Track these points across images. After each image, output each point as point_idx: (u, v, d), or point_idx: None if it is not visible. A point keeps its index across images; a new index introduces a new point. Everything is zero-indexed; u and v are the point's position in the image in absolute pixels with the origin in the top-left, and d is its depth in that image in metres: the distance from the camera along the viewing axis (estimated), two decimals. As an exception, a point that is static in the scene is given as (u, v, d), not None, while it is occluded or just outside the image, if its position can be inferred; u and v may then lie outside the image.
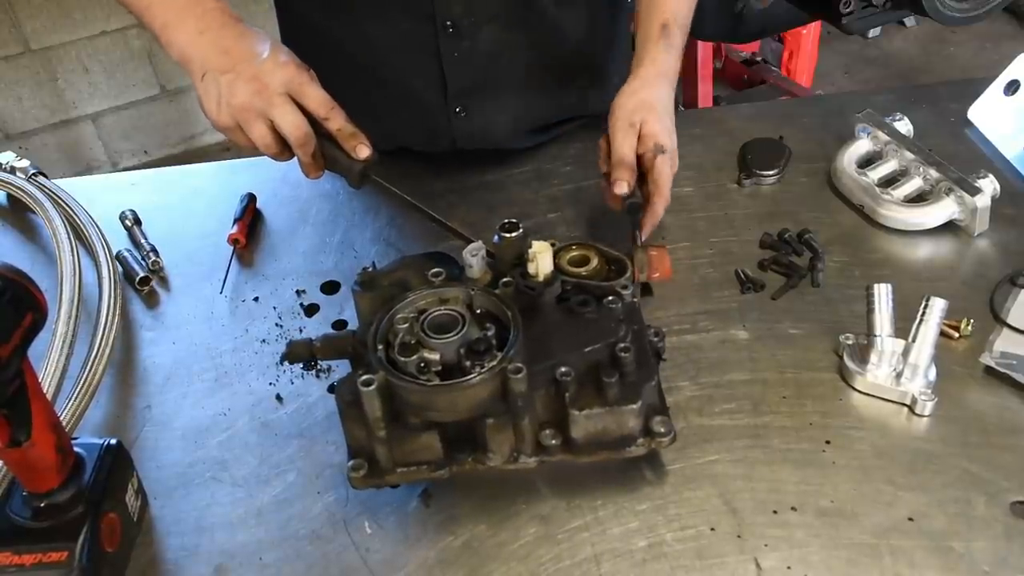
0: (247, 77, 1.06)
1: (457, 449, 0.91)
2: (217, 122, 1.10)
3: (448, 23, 1.31)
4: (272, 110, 1.07)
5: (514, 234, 1.02)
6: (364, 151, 1.11)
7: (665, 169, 1.16)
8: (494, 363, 0.87)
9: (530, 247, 0.99)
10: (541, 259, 0.98)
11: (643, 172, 1.16)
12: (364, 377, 0.85)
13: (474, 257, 0.98)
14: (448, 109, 1.39)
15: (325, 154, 1.13)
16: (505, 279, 0.96)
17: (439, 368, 0.89)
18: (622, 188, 1.13)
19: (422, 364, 0.89)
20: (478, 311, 0.95)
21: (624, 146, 1.15)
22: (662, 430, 0.92)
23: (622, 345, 0.92)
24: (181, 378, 1.16)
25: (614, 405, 0.90)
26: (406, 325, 0.92)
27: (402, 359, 0.89)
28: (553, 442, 0.91)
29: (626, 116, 1.17)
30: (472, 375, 0.87)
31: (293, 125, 1.08)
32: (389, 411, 0.87)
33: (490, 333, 0.90)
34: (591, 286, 1.00)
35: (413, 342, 0.90)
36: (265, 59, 1.08)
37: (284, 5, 1.46)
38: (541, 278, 0.99)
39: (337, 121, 1.10)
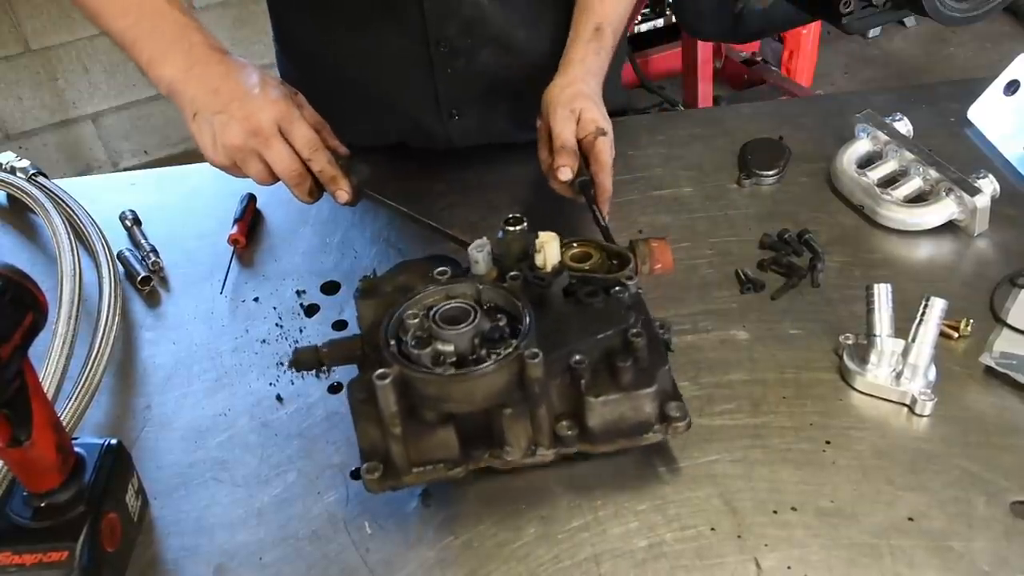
0: (239, 117, 1.06)
1: (473, 446, 0.91)
2: (213, 161, 1.10)
3: (443, 42, 1.33)
4: (266, 152, 1.08)
5: (518, 228, 1.01)
6: (343, 196, 1.12)
7: (606, 147, 1.17)
8: (510, 350, 0.87)
9: (536, 238, 0.99)
10: (548, 249, 0.98)
11: (585, 155, 1.18)
12: (379, 371, 0.84)
13: (480, 253, 0.98)
14: (440, 113, 1.41)
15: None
16: (512, 273, 0.96)
17: (454, 359, 0.88)
18: (565, 174, 1.15)
19: (438, 356, 0.88)
20: (487, 306, 0.94)
21: (566, 131, 1.16)
22: (677, 415, 0.92)
23: (634, 330, 0.92)
24: (181, 378, 1.16)
25: (630, 390, 0.90)
26: (416, 321, 0.91)
27: (416, 352, 0.88)
28: (570, 432, 0.90)
29: (565, 104, 1.18)
30: (489, 362, 0.86)
31: (286, 168, 1.09)
32: (404, 406, 0.86)
33: (502, 323, 0.90)
34: (596, 278, 1.00)
35: (425, 335, 0.90)
36: (256, 96, 1.07)
37: (277, 18, 1.47)
38: (549, 268, 0.98)
39: (319, 163, 1.10)
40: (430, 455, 0.89)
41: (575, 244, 1.04)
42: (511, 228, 1.02)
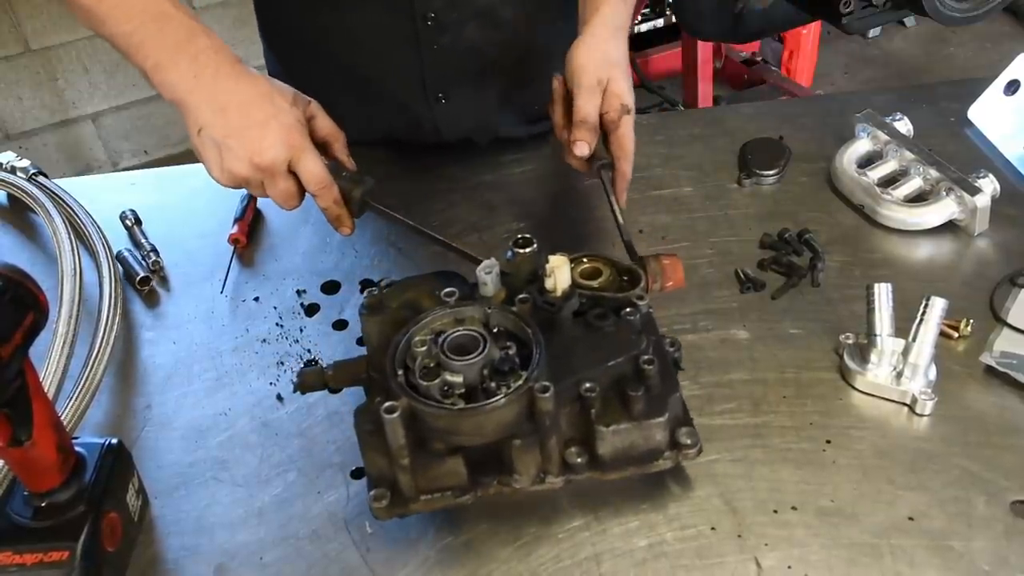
0: (249, 150, 1.01)
1: (481, 472, 0.89)
2: (219, 181, 1.06)
3: (429, 16, 1.31)
4: (270, 189, 1.05)
5: (528, 250, 0.98)
6: (346, 232, 1.11)
7: (630, 131, 1.12)
8: (520, 382, 0.85)
9: (546, 262, 0.96)
10: (559, 274, 0.95)
11: (605, 133, 1.12)
12: (387, 404, 0.82)
13: (488, 275, 0.95)
14: (427, 96, 1.39)
15: None
16: (521, 296, 0.93)
17: (462, 391, 0.86)
18: (583, 150, 1.09)
19: (446, 388, 0.86)
20: (495, 330, 0.92)
21: (589, 105, 1.10)
22: (688, 441, 0.90)
23: (645, 358, 0.90)
24: (181, 378, 1.16)
25: (641, 419, 0.88)
26: (424, 348, 0.89)
27: (424, 383, 0.86)
28: (579, 460, 0.89)
29: (592, 73, 1.11)
30: (499, 396, 0.84)
31: (284, 202, 1.07)
32: (412, 438, 0.84)
33: (511, 352, 0.88)
34: (607, 298, 0.97)
35: (433, 365, 0.87)
36: (266, 124, 1.02)
37: (261, 5, 1.46)
38: (559, 293, 0.95)
39: (325, 201, 1.07)
40: (438, 483, 0.88)
41: (584, 260, 1.01)
42: (521, 250, 0.98)
